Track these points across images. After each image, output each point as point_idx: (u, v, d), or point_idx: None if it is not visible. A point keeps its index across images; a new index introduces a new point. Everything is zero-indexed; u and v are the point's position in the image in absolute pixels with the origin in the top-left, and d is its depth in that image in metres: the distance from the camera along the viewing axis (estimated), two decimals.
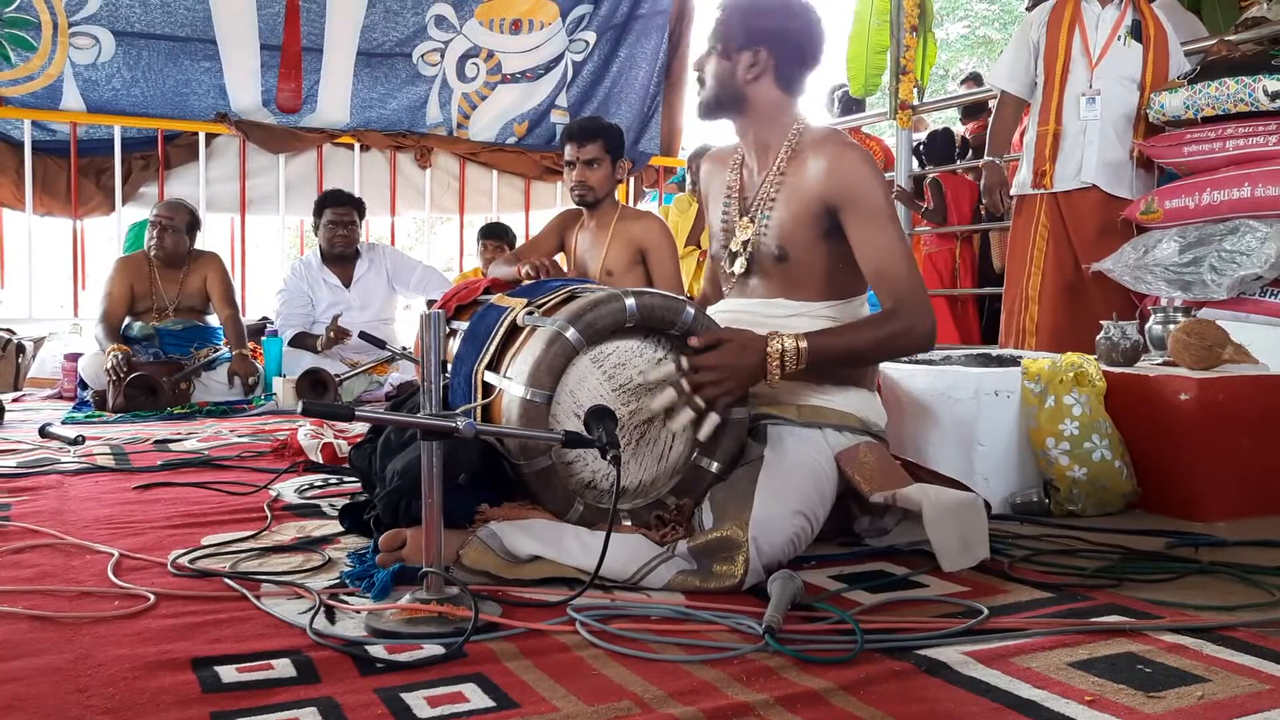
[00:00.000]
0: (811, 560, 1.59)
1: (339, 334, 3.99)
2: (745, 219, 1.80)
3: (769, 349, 1.58)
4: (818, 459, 1.62)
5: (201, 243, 4.31)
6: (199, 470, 2.42)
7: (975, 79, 6.29)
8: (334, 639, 1.23)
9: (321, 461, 2.46)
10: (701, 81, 1.83)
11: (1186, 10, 3.95)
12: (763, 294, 1.79)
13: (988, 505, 1.61)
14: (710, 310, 1.88)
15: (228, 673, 1.12)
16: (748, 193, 1.83)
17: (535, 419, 1.49)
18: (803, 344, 1.59)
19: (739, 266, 1.79)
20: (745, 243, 1.79)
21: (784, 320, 1.73)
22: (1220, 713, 1.03)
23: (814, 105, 5.96)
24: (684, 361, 1.58)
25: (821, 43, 1.83)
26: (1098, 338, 2.31)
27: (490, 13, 5.62)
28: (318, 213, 4.31)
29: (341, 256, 4.31)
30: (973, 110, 5.32)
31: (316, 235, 4.36)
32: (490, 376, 1.64)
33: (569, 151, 2.99)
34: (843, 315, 1.74)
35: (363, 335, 3.56)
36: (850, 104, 5.64)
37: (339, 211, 4.24)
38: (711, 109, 1.84)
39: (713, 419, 1.58)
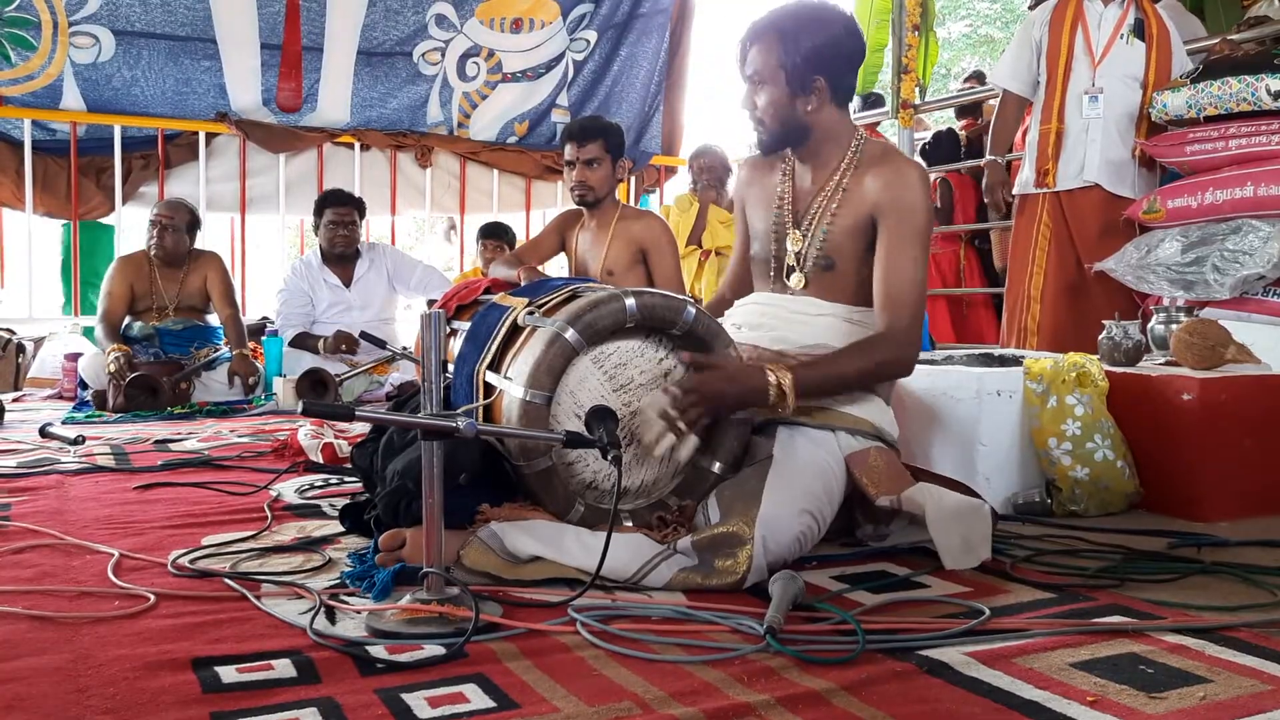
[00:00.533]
0: (813, 560, 1.59)
1: (349, 345, 3.98)
2: (798, 231, 1.79)
3: (768, 382, 1.56)
4: (828, 460, 1.62)
5: (201, 242, 4.30)
6: (199, 470, 2.42)
7: (978, 78, 6.28)
8: (334, 639, 1.23)
9: (322, 461, 2.45)
10: (759, 120, 1.76)
11: (1188, 12, 3.94)
12: (797, 292, 1.80)
13: (994, 512, 1.61)
14: (739, 303, 1.90)
15: (228, 673, 1.12)
16: (799, 204, 1.82)
17: (535, 420, 1.49)
18: (792, 377, 1.57)
19: (795, 281, 1.79)
20: (799, 254, 1.78)
21: (811, 318, 1.75)
22: (1222, 713, 1.03)
23: None
24: (674, 388, 1.55)
25: (861, 37, 1.80)
26: (1100, 337, 2.30)
27: (491, 12, 5.61)
28: (318, 213, 4.31)
29: (342, 256, 4.31)
30: (967, 109, 5.32)
31: (317, 235, 4.36)
32: (491, 377, 1.64)
33: (569, 151, 2.99)
34: (867, 320, 1.74)
35: (363, 335, 3.56)
36: (873, 101, 5.60)
37: (339, 211, 4.24)
38: (776, 147, 1.80)
39: (691, 441, 1.56)
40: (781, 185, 1.85)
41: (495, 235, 4.71)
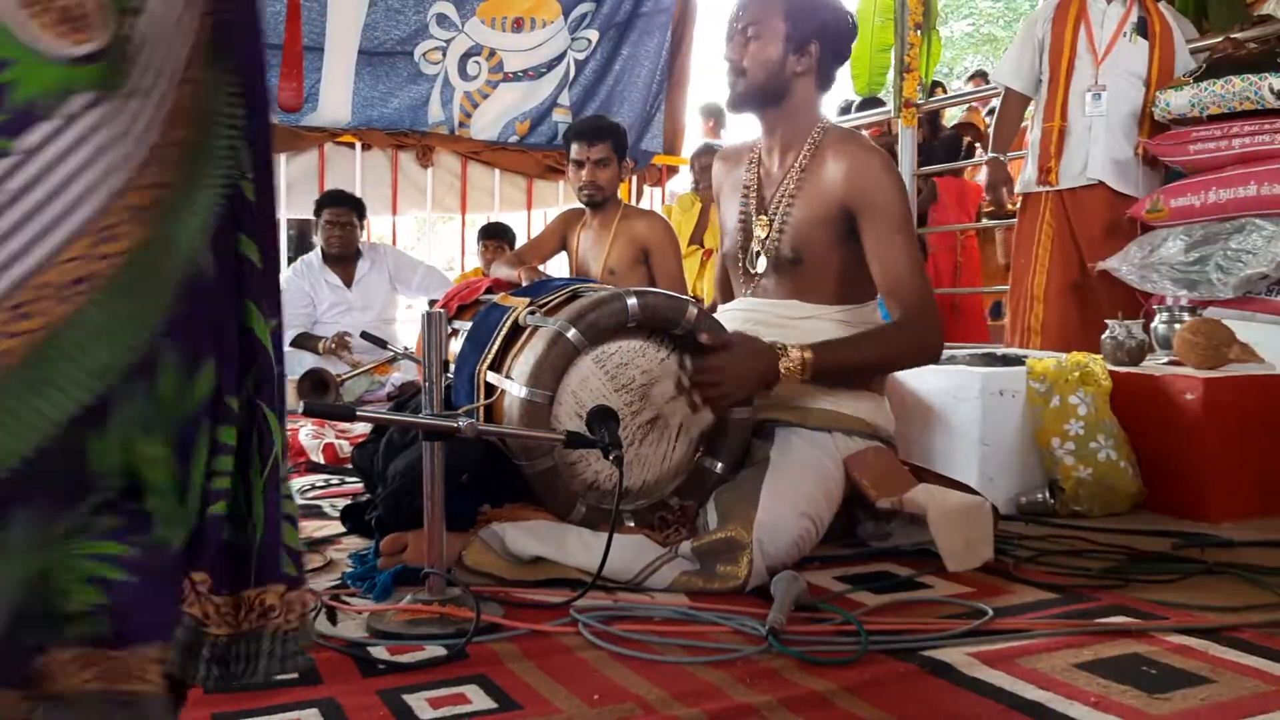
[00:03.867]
0: (815, 561, 1.59)
1: (339, 345, 3.99)
2: (763, 217, 1.78)
3: (781, 364, 1.57)
4: (825, 462, 1.62)
5: None
6: None
7: (981, 76, 6.27)
8: (336, 640, 1.23)
9: (323, 462, 2.45)
10: (741, 70, 1.74)
11: (1182, 15, 3.93)
12: (777, 294, 1.78)
13: (995, 510, 1.61)
14: (723, 308, 1.88)
15: None
16: (765, 191, 1.80)
17: (537, 419, 1.49)
18: (808, 355, 1.58)
19: (760, 266, 1.78)
20: (763, 240, 1.78)
21: (797, 321, 1.73)
22: (1225, 714, 1.02)
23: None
24: (687, 360, 1.58)
25: (854, 39, 1.82)
26: (1103, 337, 2.30)
27: (492, 11, 5.61)
28: (316, 213, 4.32)
29: (342, 257, 4.31)
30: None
31: (316, 235, 4.36)
32: (492, 377, 1.63)
33: (577, 151, 2.97)
34: (855, 319, 1.73)
35: (364, 335, 3.55)
36: (867, 102, 5.60)
37: (336, 212, 4.25)
38: (749, 101, 1.77)
39: (705, 417, 1.57)
40: (749, 174, 1.84)
41: (495, 235, 4.71)
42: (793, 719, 1.02)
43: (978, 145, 5.18)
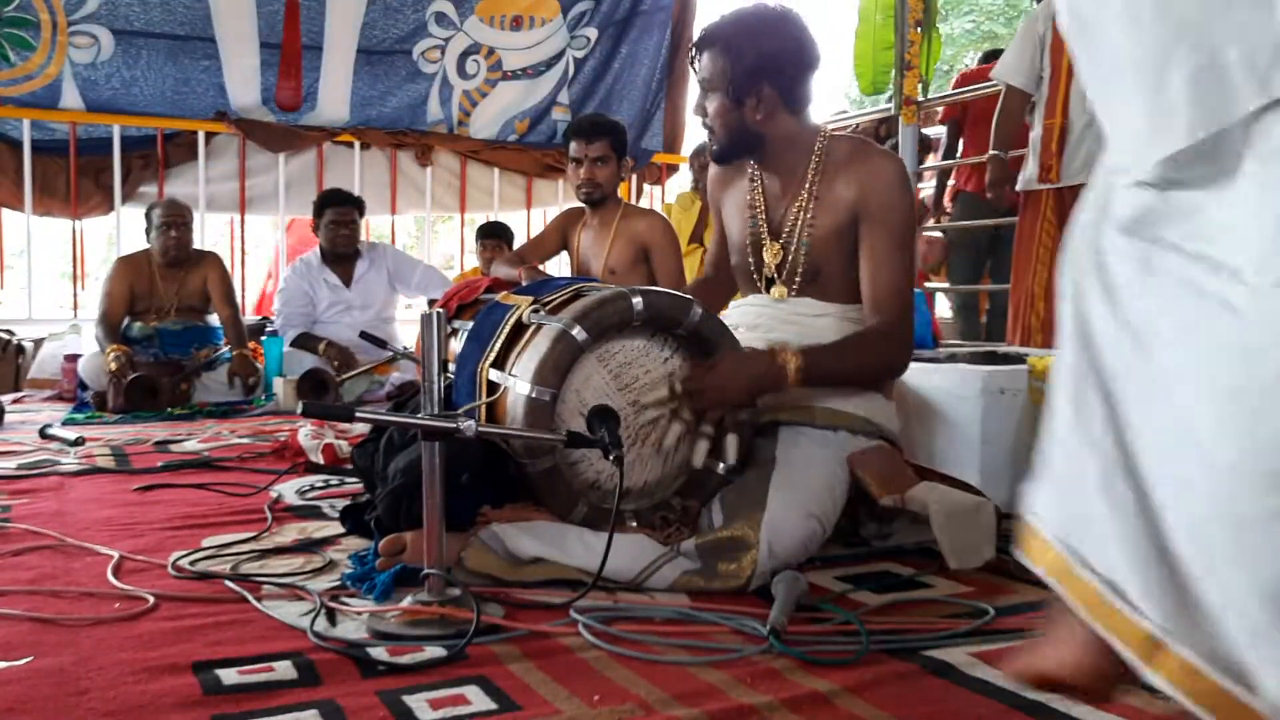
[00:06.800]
0: (816, 561, 1.58)
1: (342, 364, 3.95)
2: (776, 243, 1.78)
3: (776, 363, 1.57)
4: (831, 462, 1.61)
5: (199, 242, 4.30)
6: (199, 471, 2.41)
7: (993, 56, 6.27)
8: (335, 641, 1.22)
9: (322, 462, 2.45)
10: (710, 129, 1.75)
11: None
12: (791, 296, 1.79)
13: (998, 509, 1.61)
14: (736, 305, 1.89)
15: (229, 675, 1.12)
16: (773, 213, 1.80)
17: (540, 417, 1.48)
18: (799, 362, 1.57)
19: (777, 293, 1.79)
20: (779, 266, 1.77)
21: (810, 319, 1.74)
22: None
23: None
24: (677, 384, 1.57)
25: (814, 46, 1.75)
26: None
27: (491, 9, 5.60)
28: (318, 212, 4.29)
29: (342, 256, 4.30)
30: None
31: (316, 234, 4.35)
32: (495, 374, 1.63)
33: (576, 148, 2.96)
34: (861, 318, 1.73)
35: (363, 335, 3.55)
36: None
37: (340, 211, 4.23)
38: (729, 155, 1.78)
39: (733, 439, 1.57)
40: (752, 193, 1.83)
41: (494, 235, 4.70)
42: (794, 719, 1.01)
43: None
